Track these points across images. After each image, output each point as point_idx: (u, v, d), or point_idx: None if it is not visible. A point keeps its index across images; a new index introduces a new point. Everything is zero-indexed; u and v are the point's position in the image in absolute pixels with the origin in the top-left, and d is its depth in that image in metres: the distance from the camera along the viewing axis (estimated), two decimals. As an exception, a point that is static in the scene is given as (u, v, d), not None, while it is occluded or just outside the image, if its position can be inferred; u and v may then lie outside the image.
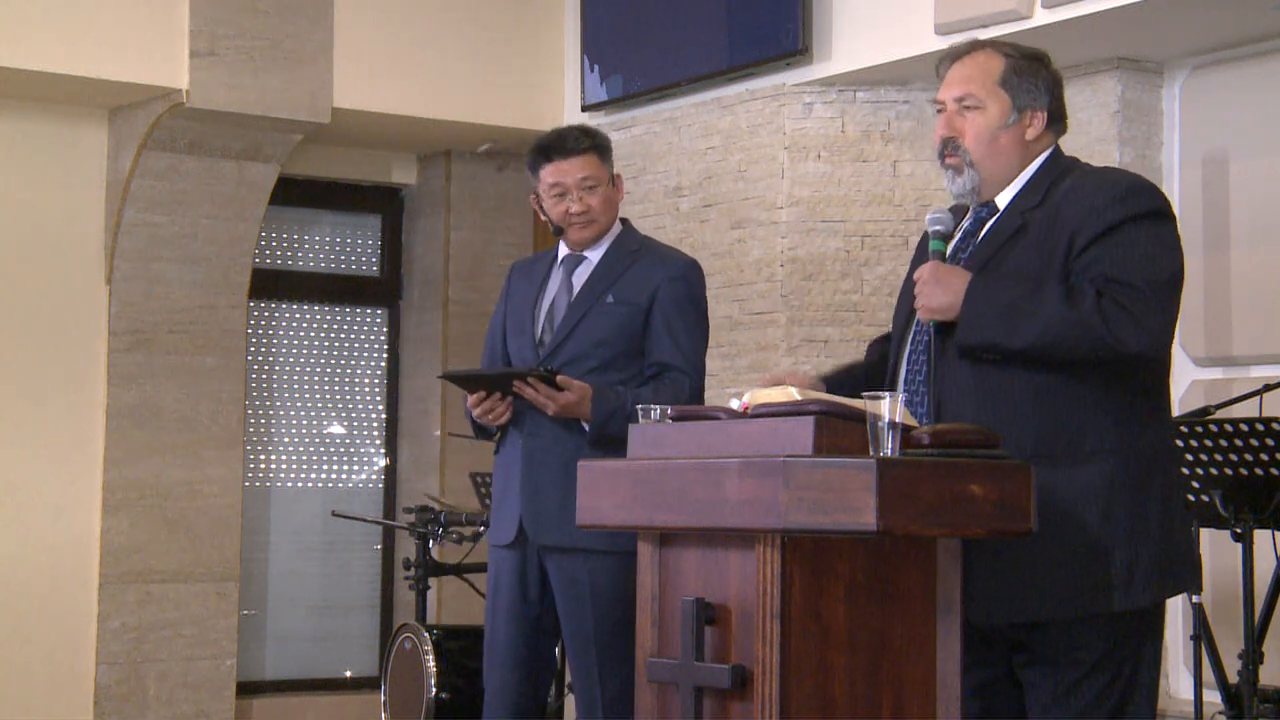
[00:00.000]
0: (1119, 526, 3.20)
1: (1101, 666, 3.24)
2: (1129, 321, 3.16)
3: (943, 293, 3.25)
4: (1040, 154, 3.42)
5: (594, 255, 4.40)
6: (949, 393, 3.28)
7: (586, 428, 4.24)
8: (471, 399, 4.30)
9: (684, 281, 4.36)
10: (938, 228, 3.37)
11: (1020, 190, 3.38)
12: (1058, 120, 3.45)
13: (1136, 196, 3.29)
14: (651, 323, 4.31)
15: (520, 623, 4.34)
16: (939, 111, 3.44)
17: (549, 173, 4.35)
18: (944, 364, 3.29)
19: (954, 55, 3.45)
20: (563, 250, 4.45)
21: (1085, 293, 3.18)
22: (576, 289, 4.37)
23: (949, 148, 3.40)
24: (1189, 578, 3.37)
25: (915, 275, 3.33)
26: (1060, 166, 3.41)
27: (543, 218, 4.44)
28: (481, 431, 4.43)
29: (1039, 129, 3.41)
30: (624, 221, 4.46)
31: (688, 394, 4.25)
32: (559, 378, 4.16)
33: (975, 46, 3.46)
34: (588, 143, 4.37)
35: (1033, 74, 3.41)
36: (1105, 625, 3.23)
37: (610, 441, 4.17)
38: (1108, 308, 3.15)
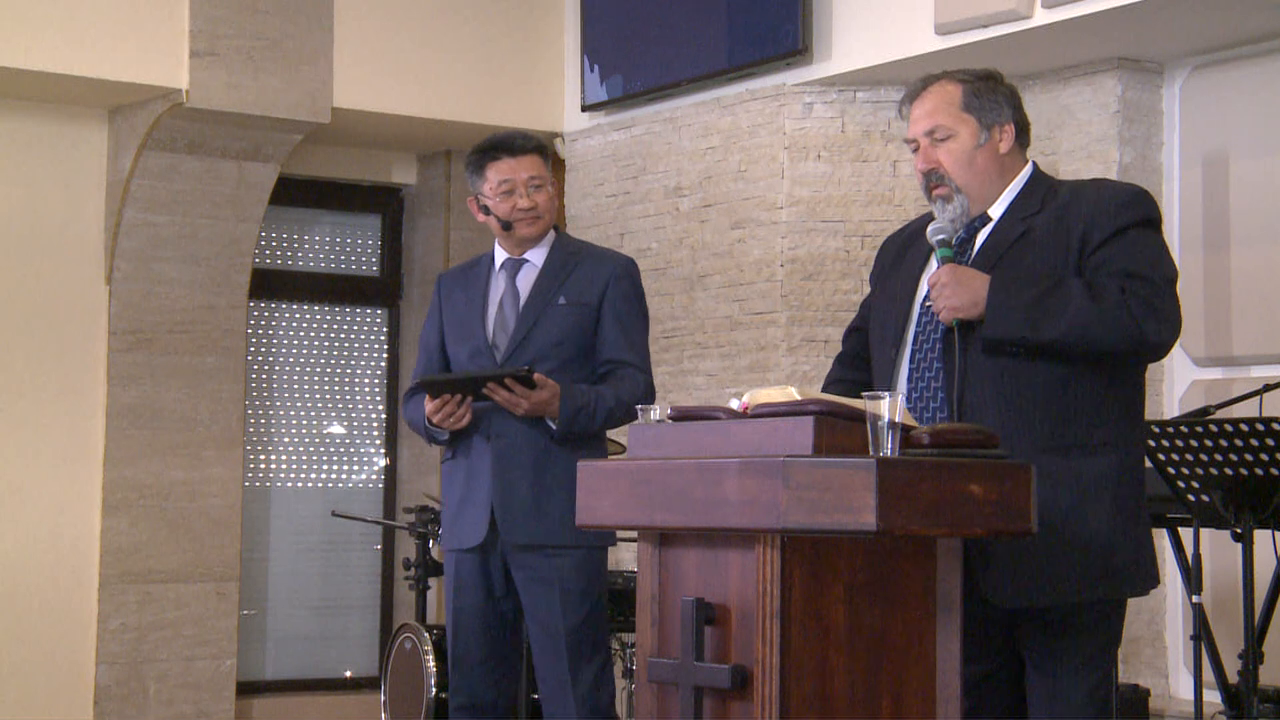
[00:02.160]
0: (1127, 516, 3.34)
1: (1094, 630, 3.37)
2: (1152, 314, 3.29)
3: (965, 292, 3.34)
4: (1019, 167, 3.54)
5: (535, 258, 4.47)
6: (970, 387, 3.35)
7: (553, 426, 4.26)
8: (432, 404, 4.31)
9: (628, 279, 4.47)
10: (941, 236, 3.47)
11: (1014, 200, 3.49)
12: (1024, 130, 3.56)
13: (1141, 204, 3.43)
14: (602, 320, 4.40)
15: (488, 624, 4.36)
16: (914, 150, 3.55)
17: (497, 170, 4.42)
18: (963, 360, 3.36)
19: (912, 95, 3.58)
20: (500, 255, 4.51)
21: (1108, 287, 3.30)
22: (524, 292, 4.43)
23: (933, 179, 3.52)
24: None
25: (931, 279, 3.41)
26: (1047, 180, 3.55)
27: (481, 218, 4.49)
28: (433, 437, 4.44)
29: (1010, 141, 3.52)
30: (555, 227, 4.55)
31: (643, 389, 4.36)
32: (535, 376, 4.19)
33: (929, 81, 3.58)
34: (533, 143, 4.49)
35: (991, 91, 3.52)
36: (1101, 605, 3.38)
37: (575, 439, 4.27)
38: (1132, 301, 3.28)
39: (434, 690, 5.84)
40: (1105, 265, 3.33)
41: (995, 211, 3.49)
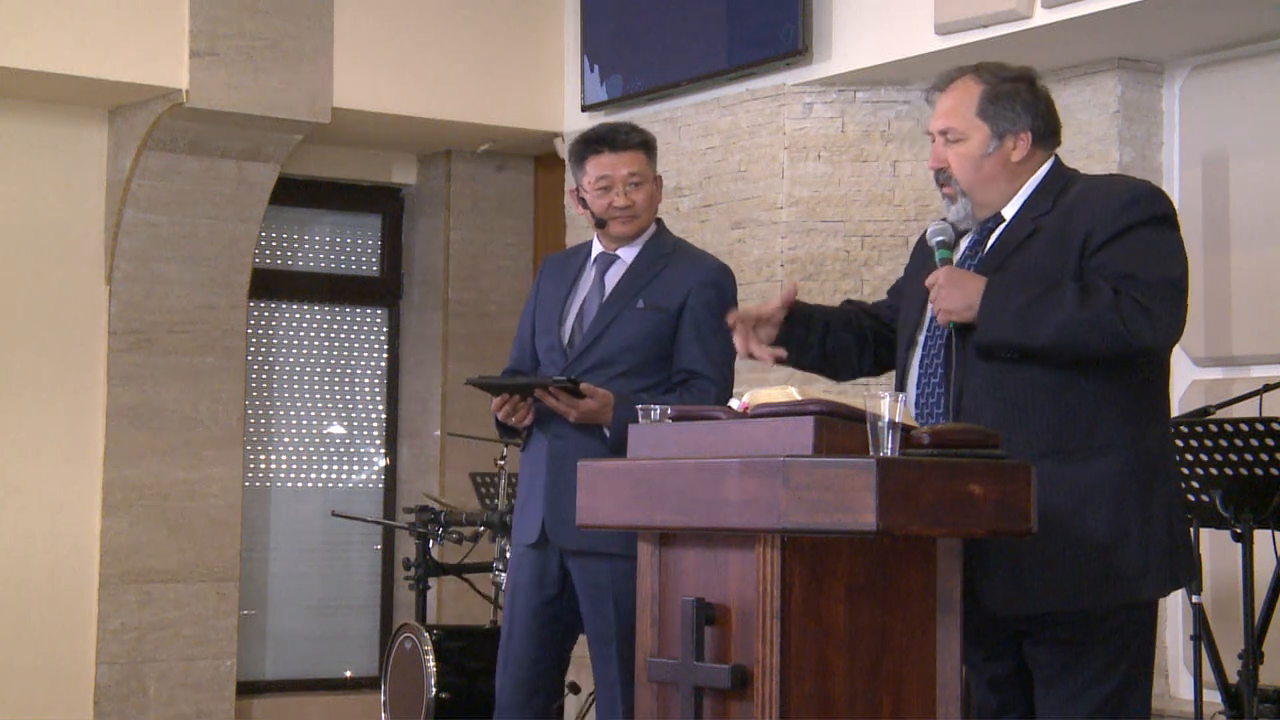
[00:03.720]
0: (1130, 519, 3.29)
1: (1107, 642, 3.32)
2: (1144, 317, 3.25)
3: (960, 295, 3.33)
4: (1035, 169, 3.51)
5: (627, 255, 4.36)
6: (968, 391, 3.34)
7: (607, 434, 4.22)
8: (495, 401, 4.29)
9: (715, 287, 4.33)
10: (940, 238, 3.47)
11: (1027, 200, 3.48)
12: (1047, 136, 3.52)
13: (1148, 202, 3.40)
14: (681, 328, 4.28)
15: (537, 621, 4.33)
16: (932, 143, 3.55)
17: (596, 165, 4.31)
18: (962, 363, 3.36)
19: (937, 86, 3.56)
20: (596, 248, 4.42)
21: (1101, 290, 3.27)
22: (609, 290, 4.33)
23: (941, 178, 3.52)
24: (1191, 572, 3.47)
25: (929, 280, 3.40)
26: (1064, 177, 3.51)
27: (580, 211, 4.40)
28: (507, 432, 4.42)
29: (1024, 150, 3.48)
30: (659, 222, 4.44)
31: (713, 402, 4.19)
32: (582, 385, 4.15)
33: (958, 74, 3.55)
34: (637, 139, 4.35)
35: (1011, 97, 3.48)
36: (1114, 613, 3.31)
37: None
38: (1124, 304, 3.25)
39: (434, 690, 5.84)
40: (1104, 268, 3.31)
41: (1009, 211, 3.47)
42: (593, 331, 4.30)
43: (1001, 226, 3.47)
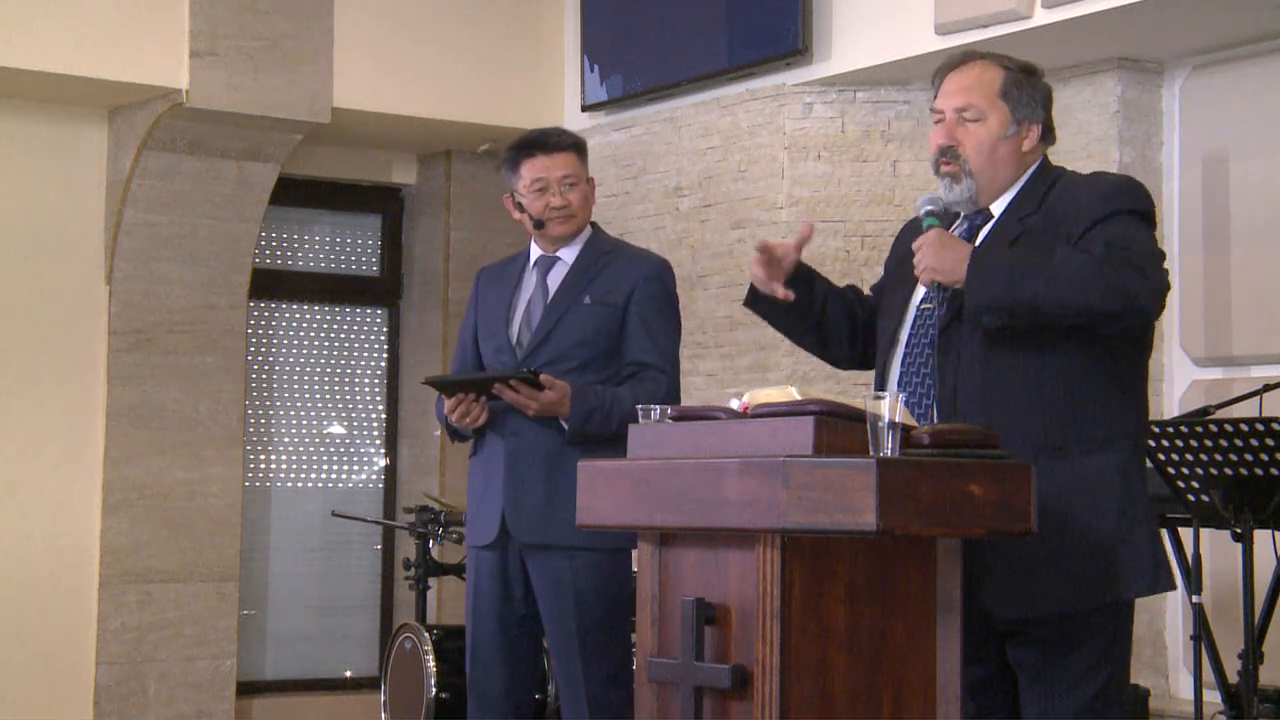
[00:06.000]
0: (1133, 514, 3.29)
1: (1091, 640, 3.31)
2: (1136, 272, 3.20)
3: (949, 255, 3.27)
4: (1030, 165, 3.48)
5: (567, 256, 4.46)
6: (958, 387, 3.30)
7: (565, 426, 4.26)
8: (449, 403, 4.32)
9: (659, 281, 4.43)
10: (930, 207, 3.42)
11: (1014, 198, 3.45)
12: (1049, 133, 3.51)
13: (1130, 194, 3.37)
14: (628, 322, 4.37)
15: (504, 623, 4.35)
16: (937, 121, 3.49)
17: (531, 168, 4.40)
18: (950, 358, 3.32)
19: (951, 65, 3.52)
20: (535, 252, 4.51)
21: (1091, 251, 3.23)
22: (553, 290, 4.41)
23: (947, 155, 3.45)
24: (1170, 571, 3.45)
25: (916, 243, 3.35)
26: (1050, 175, 3.49)
27: (516, 216, 4.48)
28: (456, 434, 4.45)
29: (1034, 141, 3.47)
30: (593, 224, 4.52)
31: (665, 392, 4.31)
32: (542, 377, 4.18)
33: (972, 57, 3.52)
34: (569, 140, 4.46)
35: (1031, 87, 3.47)
36: (1098, 611, 3.31)
37: (589, 440, 4.24)
38: (1115, 258, 3.21)
39: (434, 690, 5.84)
40: (1086, 246, 3.27)
41: (997, 209, 3.44)
42: (542, 328, 4.37)
43: (990, 224, 3.44)
